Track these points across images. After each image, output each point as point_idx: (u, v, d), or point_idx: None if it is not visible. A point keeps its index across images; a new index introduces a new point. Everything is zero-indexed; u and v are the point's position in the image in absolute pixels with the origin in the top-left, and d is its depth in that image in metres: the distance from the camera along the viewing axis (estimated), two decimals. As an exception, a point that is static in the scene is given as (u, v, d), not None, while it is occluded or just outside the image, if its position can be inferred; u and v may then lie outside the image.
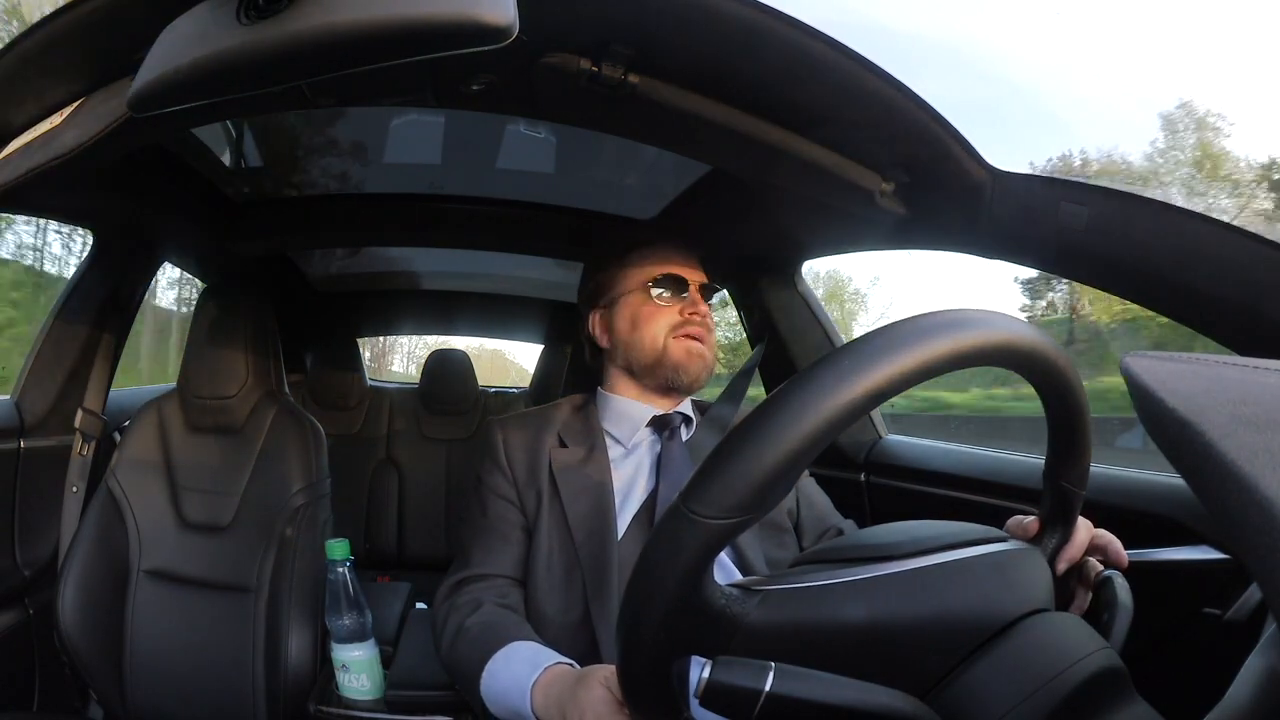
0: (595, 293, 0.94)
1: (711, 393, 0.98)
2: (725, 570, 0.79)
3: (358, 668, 0.93)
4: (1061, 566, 0.54)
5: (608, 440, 0.88)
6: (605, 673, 0.57)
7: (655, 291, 0.88)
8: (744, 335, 1.45)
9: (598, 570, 0.78)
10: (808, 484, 0.94)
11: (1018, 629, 0.43)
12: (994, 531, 0.49)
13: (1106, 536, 0.57)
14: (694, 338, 0.86)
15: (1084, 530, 0.55)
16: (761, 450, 0.35)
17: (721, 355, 0.97)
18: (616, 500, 0.82)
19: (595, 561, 0.78)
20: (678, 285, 0.88)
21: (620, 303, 0.90)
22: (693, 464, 0.84)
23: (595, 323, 0.93)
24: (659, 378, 0.87)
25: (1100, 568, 0.56)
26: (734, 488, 0.36)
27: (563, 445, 0.87)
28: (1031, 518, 0.54)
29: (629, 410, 0.88)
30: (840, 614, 0.41)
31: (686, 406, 0.92)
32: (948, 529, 0.47)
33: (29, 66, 0.63)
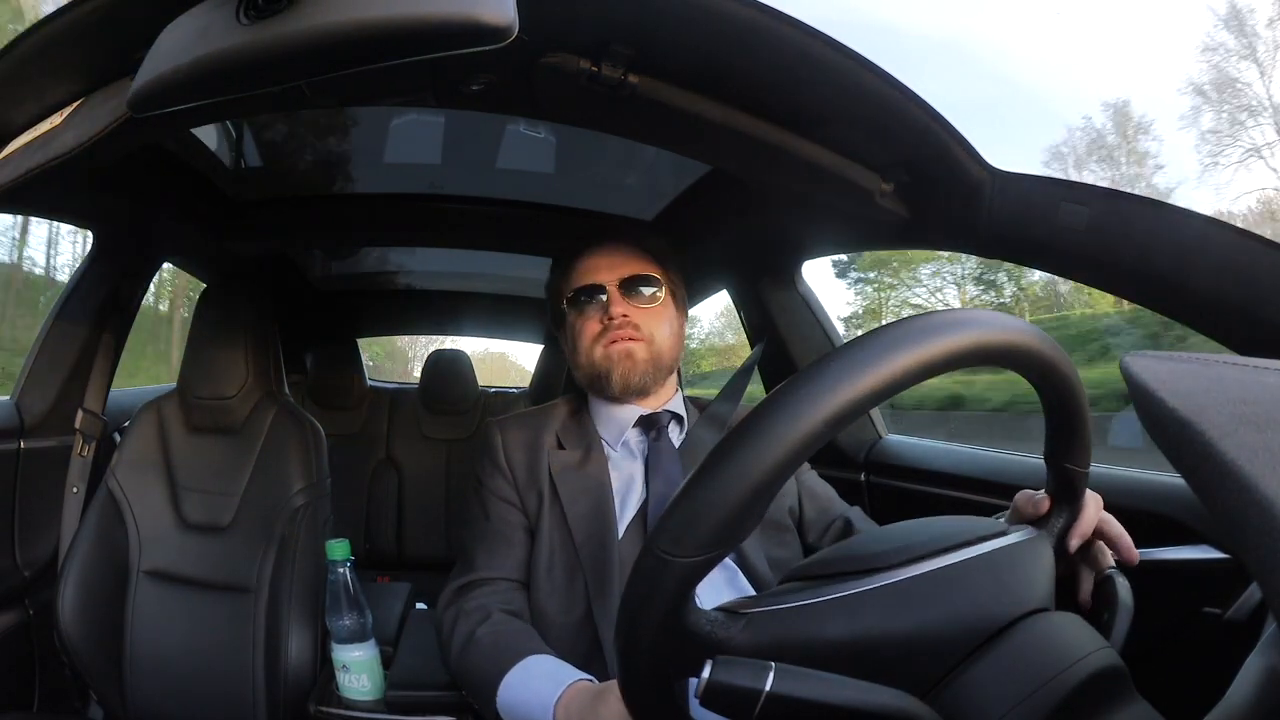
0: (555, 323, 0.95)
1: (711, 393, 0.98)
2: (728, 570, 0.79)
3: (358, 668, 0.93)
4: (1074, 543, 0.54)
5: (603, 441, 0.88)
6: None
7: (575, 310, 0.88)
8: (694, 346, 1.45)
9: (599, 571, 0.78)
10: (808, 477, 0.93)
11: (1017, 629, 0.42)
12: (992, 525, 0.49)
13: (1117, 528, 0.57)
14: (618, 340, 0.85)
15: (1094, 505, 0.55)
16: (723, 490, 0.35)
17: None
18: (616, 500, 0.82)
19: (596, 562, 0.78)
20: (595, 292, 0.87)
21: (564, 328, 0.91)
22: (683, 463, 0.84)
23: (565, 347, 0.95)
24: (601, 390, 0.87)
25: (1110, 560, 0.56)
26: (697, 529, 0.36)
27: (560, 447, 0.87)
28: (1042, 493, 0.54)
29: (614, 413, 0.89)
30: (825, 633, 0.41)
31: (677, 404, 0.91)
32: (942, 530, 0.47)
33: (29, 66, 0.63)
